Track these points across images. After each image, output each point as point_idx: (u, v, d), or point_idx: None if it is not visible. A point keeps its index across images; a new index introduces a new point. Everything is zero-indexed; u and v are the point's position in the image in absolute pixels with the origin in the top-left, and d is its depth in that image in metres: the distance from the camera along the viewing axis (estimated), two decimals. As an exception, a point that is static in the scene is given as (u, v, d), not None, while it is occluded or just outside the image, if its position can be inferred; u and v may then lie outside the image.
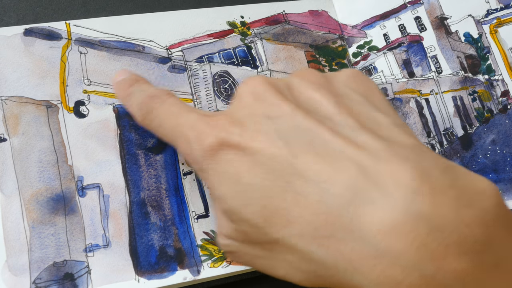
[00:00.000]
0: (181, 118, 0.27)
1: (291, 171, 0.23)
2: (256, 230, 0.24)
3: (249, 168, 0.24)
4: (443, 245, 0.20)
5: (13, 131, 0.33)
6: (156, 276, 0.32)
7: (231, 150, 0.24)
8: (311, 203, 0.22)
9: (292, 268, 0.24)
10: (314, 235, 0.22)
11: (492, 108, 0.40)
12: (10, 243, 0.31)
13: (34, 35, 0.35)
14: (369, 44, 0.42)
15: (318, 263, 0.23)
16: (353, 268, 0.22)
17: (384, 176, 0.22)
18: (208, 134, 0.25)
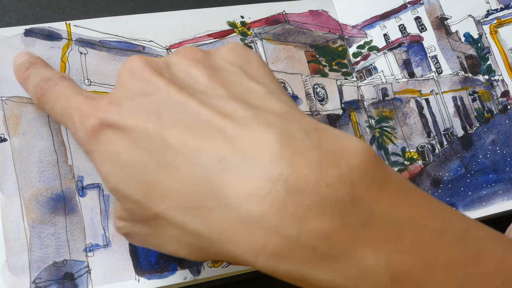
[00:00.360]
0: (70, 100, 0.28)
1: (163, 145, 0.23)
2: (138, 206, 0.24)
3: (126, 145, 0.24)
4: (303, 206, 0.20)
5: (13, 131, 0.33)
6: (156, 276, 0.32)
7: (110, 129, 0.25)
8: (182, 175, 0.23)
9: (177, 243, 0.24)
10: (187, 206, 0.23)
11: (492, 109, 0.40)
12: (10, 243, 0.31)
13: (34, 35, 0.35)
14: (369, 44, 0.42)
15: (195, 235, 0.23)
16: (223, 237, 0.22)
17: (247, 143, 0.22)
18: (90, 115, 0.25)
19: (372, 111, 0.40)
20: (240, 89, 0.25)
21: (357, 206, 0.21)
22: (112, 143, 0.25)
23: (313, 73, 0.40)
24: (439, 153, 0.39)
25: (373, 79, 0.41)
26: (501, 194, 0.38)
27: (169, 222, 0.24)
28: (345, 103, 0.40)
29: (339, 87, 0.40)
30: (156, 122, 0.24)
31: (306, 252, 0.20)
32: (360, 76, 0.41)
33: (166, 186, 0.23)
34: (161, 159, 0.23)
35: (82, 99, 0.27)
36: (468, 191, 0.38)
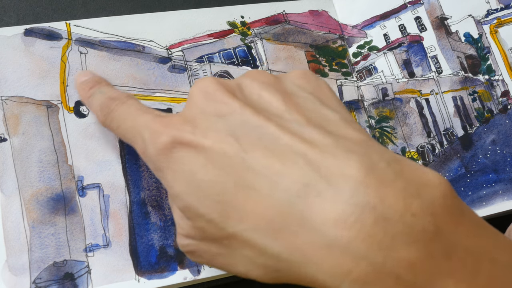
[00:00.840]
0: (138, 118, 0.28)
1: (242, 166, 0.23)
2: (213, 226, 0.24)
3: (202, 165, 0.24)
4: (390, 234, 0.21)
5: (13, 131, 0.33)
6: (156, 276, 0.32)
7: (184, 148, 0.25)
8: (263, 197, 0.23)
9: (251, 264, 0.25)
10: (268, 228, 0.23)
11: (492, 108, 0.40)
12: (10, 243, 0.31)
13: (34, 35, 0.35)
14: (369, 44, 0.42)
15: (273, 256, 0.23)
16: (306, 260, 0.22)
17: (331, 169, 0.22)
18: (162, 133, 0.26)
19: (372, 111, 0.40)
20: (316, 115, 0.26)
21: (439, 237, 0.21)
22: (186, 161, 0.25)
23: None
24: (439, 153, 0.39)
25: (373, 79, 0.41)
26: (501, 194, 0.38)
27: (245, 243, 0.24)
28: (345, 103, 0.40)
29: (339, 87, 0.40)
30: (234, 143, 0.24)
31: (390, 280, 0.21)
32: (360, 76, 0.41)
33: (245, 208, 0.23)
34: (240, 181, 0.23)
35: (152, 117, 0.27)
36: (468, 191, 0.38)
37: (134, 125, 0.28)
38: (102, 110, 0.30)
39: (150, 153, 0.26)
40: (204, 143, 0.24)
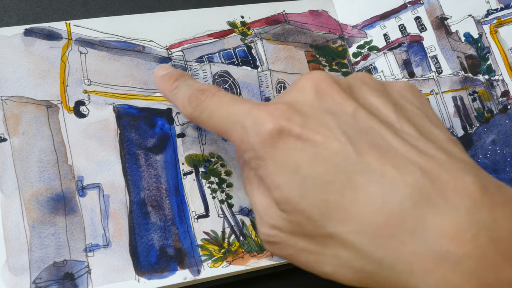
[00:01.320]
0: (234, 107, 0.27)
1: (354, 168, 0.23)
2: (311, 223, 0.24)
3: (310, 160, 0.24)
4: (502, 255, 0.21)
5: (13, 131, 0.33)
6: (156, 276, 0.32)
7: (292, 139, 0.24)
8: (374, 202, 0.23)
9: (343, 266, 0.24)
10: (374, 234, 0.22)
11: (492, 108, 0.40)
12: (10, 243, 0.31)
13: (34, 35, 0.35)
14: (369, 44, 0.42)
15: (374, 262, 0.23)
16: (411, 270, 0.22)
17: (447, 184, 0.22)
18: (267, 121, 0.25)
19: (372, 111, 0.40)
20: (426, 130, 0.26)
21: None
22: (292, 153, 0.24)
23: (313, 73, 0.40)
24: (439, 153, 0.39)
25: (373, 79, 0.41)
26: None
27: (344, 245, 0.24)
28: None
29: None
30: (346, 143, 0.24)
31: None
32: (360, 76, 0.41)
33: (352, 210, 0.23)
34: (350, 182, 0.23)
35: (252, 105, 0.27)
36: (468, 191, 0.38)
37: (229, 113, 0.27)
38: (190, 102, 0.30)
39: (252, 141, 0.25)
40: (314, 138, 0.24)
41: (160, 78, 0.33)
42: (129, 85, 0.36)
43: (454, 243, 0.21)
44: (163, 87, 0.33)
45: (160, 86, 0.33)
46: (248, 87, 0.38)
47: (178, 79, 0.32)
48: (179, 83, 0.32)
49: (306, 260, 0.26)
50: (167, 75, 0.33)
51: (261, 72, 0.39)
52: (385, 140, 0.24)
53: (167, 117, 0.36)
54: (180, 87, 0.31)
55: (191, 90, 0.30)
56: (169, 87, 0.32)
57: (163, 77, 0.33)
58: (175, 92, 0.32)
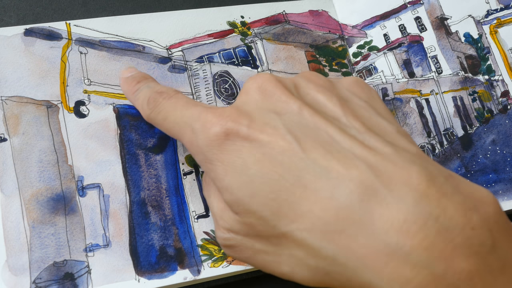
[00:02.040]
0: (188, 110, 0.28)
1: (301, 166, 0.23)
2: (263, 223, 0.24)
3: (257, 160, 0.24)
4: (451, 245, 0.21)
5: (13, 131, 0.33)
6: (156, 276, 0.32)
7: (238, 140, 0.24)
8: (322, 198, 0.23)
9: (299, 265, 0.24)
10: (325, 230, 0.23)
11: (492, 109, 0.40)
12: (10, 243, 0.31)
13: (34, 35, 0.35)
14: (369, 44, 0.42)
15: (327, 259, 0.23)
16: (364, 265, 0.22)
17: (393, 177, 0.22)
18: (215, 123, 0.25)
19: (372, 111, 0.40)
20: (372, 124, 0.26)
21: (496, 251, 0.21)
22: (240, 155, 0.24)
23: (313, 73, 0.40)
24: (439, 153, 0.39)
25: (373, 79, 0.41)
26: (501, 194, 0.38)
27: (297, 243, 0.24)
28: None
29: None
30: (292, 141, 0.24)
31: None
32: (360, 76, 0.41)
33: (301, 207, 0.23)
34: (298, 180, 0.23)
35: (203, 108, 0.27)
36: (468, 191, 0.38)
37: (183, 116, 0.28)
38: (148, 103, 0.30)
39: (201, 144, 0.26)
40: (261, 138, 0.24)
41: (124, 80, 0.34)
42: (129, 85, 0.36)
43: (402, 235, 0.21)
44: (126, 89, 0.33)
45: (123, 88, 0.34)
46: (248, 87, 0.38)
47: (141, 81, 0.32)
48: (141, 85, 0.32)
49: (263, 262, 0.26)
50: (130, 77, 0.33)
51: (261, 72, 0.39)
52: (330, 136, 0.24)
53: (167, 117, 0.36)
54: (141, 89, 0.32)
55: (151, 91, 0.31)
56: (132, 88, 0.32)
57: (127, 79, 0.33)
58: (136, 94, 0.32)
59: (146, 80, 0.33)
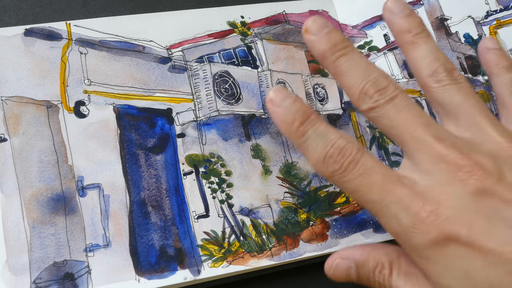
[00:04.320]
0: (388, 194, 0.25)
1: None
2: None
3: (482, 266, 0.23)
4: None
5: (13, 131, 0.33)
6: (157, 276, 0.32)
7: (460, 246, 0.23)
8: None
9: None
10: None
11: (492, 109, 0.41)
12: (10, 243, 0.31)
13: (34, 35, 0.35)
14: (370, 44, 0.42)
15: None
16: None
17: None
18: (431, 228, 0.23)
19: (372, 111, 0.40)
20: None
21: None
22: (462, 260, 0.23)
23: (313, 73, 0.40)
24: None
25: (373, 79, 0.41)
26: None
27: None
28: (345, 103, 0.40)
29: (339, 87, 0.40)
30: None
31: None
32: (360, 76, 0.41)
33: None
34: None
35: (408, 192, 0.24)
36: (467, 191, 0.38)
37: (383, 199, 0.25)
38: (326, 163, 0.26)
39: (415, 242, 0.24)
40: (485, 245, 0.23)
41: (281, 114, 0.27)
42: (129, 85, 0.36)
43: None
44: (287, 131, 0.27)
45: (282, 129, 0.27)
46: (248, 87, 0.38)
47: (305, 123, 0.27)
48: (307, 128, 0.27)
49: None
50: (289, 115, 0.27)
51: (261, 72, 0.39)
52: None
53: (167, 117, 0.36)
54: (310, 137, 0.27)
55: (326, 145, 0.26)
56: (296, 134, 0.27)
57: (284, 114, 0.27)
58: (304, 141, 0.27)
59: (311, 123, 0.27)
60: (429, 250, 0.24)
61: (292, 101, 0.27)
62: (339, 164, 0.26)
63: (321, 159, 0.26)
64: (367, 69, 0.27)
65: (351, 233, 0.36)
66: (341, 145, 0.26)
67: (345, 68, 0.27)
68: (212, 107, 0.37)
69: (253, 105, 0.38)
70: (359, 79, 0.27)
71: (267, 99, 0.27)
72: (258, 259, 0.34)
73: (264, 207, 0.35)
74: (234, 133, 0.37)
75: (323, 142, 0.26)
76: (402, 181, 0.25)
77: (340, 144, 0.26)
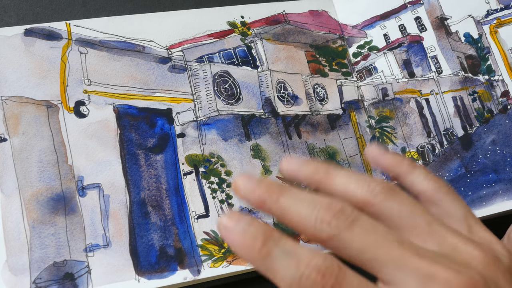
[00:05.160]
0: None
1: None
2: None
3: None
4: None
5: (13, 131, 0.33)
6: (156, 276, 0.32)
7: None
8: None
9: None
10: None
11: (492, 109, 0.40)
12: (10, 243, 0.31)
13: (34, 35, 0.35)
14: (369, 44, 0.42)
15: None
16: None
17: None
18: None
19: (372, 111, 0.40)
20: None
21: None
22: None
23: (313, 73, 0.40)
24: (439, 153, 0.39)
25: (373, 79, 0.41)
26: (501, 194, 0.38)
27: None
28: (345, 103, 0.40)
29: (339, 87, 0.40)
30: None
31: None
32: (360, 76, 0.41)
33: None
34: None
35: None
36: (468, 191, 0.38)
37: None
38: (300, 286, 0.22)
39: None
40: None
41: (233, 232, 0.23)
42: (129, 85, 0.36)
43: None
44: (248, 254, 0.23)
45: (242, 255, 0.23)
46: (248, 87, 0.38)
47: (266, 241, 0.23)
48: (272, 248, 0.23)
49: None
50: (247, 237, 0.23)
51: (261, 72, 0.39)
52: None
53: (167, 117, 0.36)
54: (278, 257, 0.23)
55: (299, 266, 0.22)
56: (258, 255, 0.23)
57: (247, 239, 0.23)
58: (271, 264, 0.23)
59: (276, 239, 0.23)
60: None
61: (249, 221, 0.23)
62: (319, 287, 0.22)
63: (295, 282, 0.22)
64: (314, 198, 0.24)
65: (351, 233, 0.36)
66: (318, 264, 0.22)
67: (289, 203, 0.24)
68: (212, 107, 0.37)
69: (253, 105, 0.38)
70: (309, 208, 0.23)
71: (220, 227, 0.23)
72: (258, 259, 0.34)
73: (264, 207, 0.35)
74: (234, 133, 0.37)
75: (295, 261, 0.22)
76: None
77: (317, 263, 0.22)
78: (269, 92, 0.38)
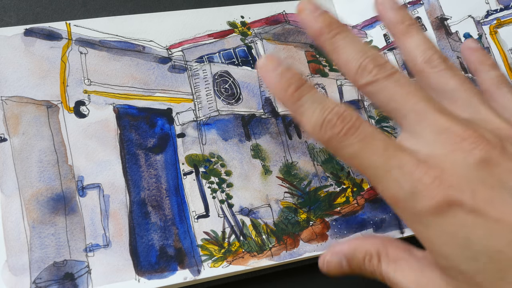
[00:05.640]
0: (390, 159, 0.24)
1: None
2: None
3: (484, 236, 0.22)
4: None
5: (13, 131, 0.33)
6: (156, 276, 0.32)
7: (463, 213, 0.23)
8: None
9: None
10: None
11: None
12: (10, 243, 0.31)
13: (34, 35, 0.35)
14: (369, 44, 0.42)
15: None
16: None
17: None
18: (434, 191, 0.23)
19: (372, 111, 0.40)
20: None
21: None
22: (464, 227, 0.23)
23: (313, 73, 0.40)
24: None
25: (373, 79, 0.41)
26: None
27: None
28: (345, 103, 0.40)
29: (339, 87, 0.40)
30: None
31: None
32: (360, 76, 0.41)
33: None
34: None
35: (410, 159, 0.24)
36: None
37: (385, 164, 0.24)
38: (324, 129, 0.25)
39: (416, 209, 0.24)
40: (489, 213, 0.22)
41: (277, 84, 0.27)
42: (129, 85, 0.36)
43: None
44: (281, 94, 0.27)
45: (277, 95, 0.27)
46: (248, 87, 0.38)
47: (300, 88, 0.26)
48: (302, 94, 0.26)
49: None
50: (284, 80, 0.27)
51: (261, 72, 0.39)
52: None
53: (167, 117, 0.36)
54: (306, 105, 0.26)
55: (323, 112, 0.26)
56: (290, 99, 0.26)
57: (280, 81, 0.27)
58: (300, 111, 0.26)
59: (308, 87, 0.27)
60: (430, 217, 0.23)
61: (287, 67, 0.27)
62: (338, 129, 0.25)
63: (319, 124, 0.25)
64: (365, 47, 0.27)
65: (351, 233, 0.36)
66: (340, 111, 0.25)
67: (343, 44, 0.27)
68: (212, 107, 0.37)
69: (253, 105, 0.38)
70: (358, 55, 0.27)
71: (260, 65, 0.27)
72: (258, 259, 0.34)
73: (264, 207, 0.35)
74: (234, 133, 0.37)
75: (320, 107, 0.26)
76: (404, 149, 0.25)
77: (339, 110, 0.25)
78: (269, 92, 0.38)
